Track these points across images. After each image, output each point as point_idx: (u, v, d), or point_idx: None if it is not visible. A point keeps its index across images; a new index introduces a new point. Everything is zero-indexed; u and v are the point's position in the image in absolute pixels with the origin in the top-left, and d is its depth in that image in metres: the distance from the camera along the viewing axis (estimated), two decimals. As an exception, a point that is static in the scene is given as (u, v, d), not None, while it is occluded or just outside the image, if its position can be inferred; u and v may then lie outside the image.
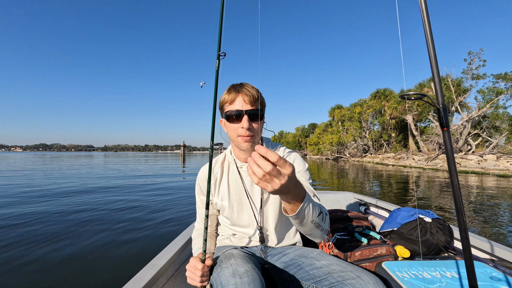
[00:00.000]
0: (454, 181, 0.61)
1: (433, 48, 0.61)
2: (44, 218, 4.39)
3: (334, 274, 0.89)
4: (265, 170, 0.59)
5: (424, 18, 0.62)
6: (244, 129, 1.01)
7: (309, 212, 0.82)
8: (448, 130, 0.63)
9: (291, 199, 0.74)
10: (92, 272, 2.57)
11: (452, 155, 0.62)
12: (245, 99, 1.02)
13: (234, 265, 0.89)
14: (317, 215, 0.86)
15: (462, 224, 0.60)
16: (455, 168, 0.61)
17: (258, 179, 0.61)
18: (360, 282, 0.82)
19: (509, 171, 12.19)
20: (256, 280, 0.82)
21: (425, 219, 1.41)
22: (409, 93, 0.62)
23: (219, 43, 0.90)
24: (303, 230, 0.90)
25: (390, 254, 1.21)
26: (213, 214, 1.21)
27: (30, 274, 2.48)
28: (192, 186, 8.50)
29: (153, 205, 5.49)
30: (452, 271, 1.04)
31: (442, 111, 0.62)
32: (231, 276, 0.83)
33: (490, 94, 19.38)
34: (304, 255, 1.04)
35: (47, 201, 5.78)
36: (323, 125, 44.05)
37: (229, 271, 0.86)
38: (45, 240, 3.34)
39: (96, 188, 7.83)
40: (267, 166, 0.59)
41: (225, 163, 1.19)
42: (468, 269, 0.61)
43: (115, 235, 3.56)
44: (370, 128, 32.68)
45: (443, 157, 17.71)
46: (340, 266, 0.92)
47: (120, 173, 13.29)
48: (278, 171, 0.61)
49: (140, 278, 1.09)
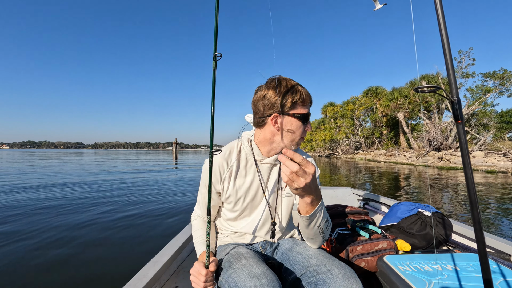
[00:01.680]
0: (468, 173, 0.60)
1: (447, 40, 0.60)
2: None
3: (310, 268, 0.91)
4: (292, 169, 0.71)
5: (438, 9, 0.61)
6: (309, 131, 1.04)
7: (320, 216, 0.90)
8: (462, 123, 0.62)
9: (310, 200, 0.82)
10: (94, 267, 2.57)
11: (466, 148, 0.61)
12: (307, 99, 1.00)
13: (248, 266, 0.87)
14: (325, 221, 0.93)
15: (476, 216, 0.60)
16: (469, 161, 0.61)
17: (287, 177, 0.72)
18: (330, 276, 0.84)
19: (497, 167, 12.52)
20: (274, 282, 0.81)
21: (425, 213, 1.42)
22: (423, 86, 0.61)
23: (215, 44, 0.88)
24: (307, 233, 0.95)
25: (391, 248, 1.22)
26: (217, 205, 1.16)
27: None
28: (191, 182, 8.45)
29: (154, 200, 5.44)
30: (453, 264, 1.06)
31: (456, 104, 0.61)
32: (248, 278, 0.81)
33: (478, 92, 19.80)
34: (291, 248, 1.06)
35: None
36: (315, 122, 44.27)
37: (244, 272, 0.84)
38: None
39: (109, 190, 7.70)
40: (294, 166, 0.71)
41: (241, 155, 1.12)
42: (481, 260, 0.61)
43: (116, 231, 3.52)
44: (362, 125, 33.03)
45: (433, 154, 18.06)
46: (317, 259, 0.94)
47: (129, 169, 13.09)
48: (303, 170, 0.72)
49: (143, 275, 1.09)
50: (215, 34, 0.87)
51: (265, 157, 1.08)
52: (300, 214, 0.89)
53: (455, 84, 0.62)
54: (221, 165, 1.08)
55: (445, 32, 0.61)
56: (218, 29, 0.86)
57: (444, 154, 16.93)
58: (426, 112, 22.60)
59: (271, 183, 1.10)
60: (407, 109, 24.21)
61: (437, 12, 0.61)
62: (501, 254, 1.28)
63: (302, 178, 0.73)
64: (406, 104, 24.03)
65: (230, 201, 1.10)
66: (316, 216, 0.88)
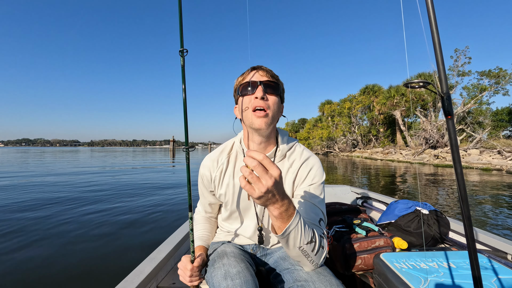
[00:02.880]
0: (458, 169, 0.60)
1: (437, 35, 0.59)
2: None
3: (298, 283, 0.84)
4: (250, 165, 0.61)
5: (429, 4, 0.60)
6: (258, 99, 0.90)
7: (297, 236, 0.75)
8: (452, 119, 0.62)
9: (278, 212, 0.69)
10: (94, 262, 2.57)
11: (456, 144, 0.61)
12: (261, 73, 0.95)
13: (227, 266, 0.87)
14: (306, 242, 0.78)
15: (465, 211, 0.60)
16: (459, 157, 0.61)
17: (244, 180, 0.62)
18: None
19: (491, 165, 12.64)
20: (248, 282, 0.80)
21: (423, 211, 1.43)
22: (413, 81, 0.60)
23: (181, 39, 0.89)
24: (289, 253, 0.83)
25: (388, 246, 1.22)
26: (215, 203, 1.15)
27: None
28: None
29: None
30: (449, 261, 1.06)
31: (446, 99, 0.60)
32: (223, 278, 0.82)
33: (474, 90, 19.96)
34: (284, 258, 1.00)
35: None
36: (313, 120, 44.33)
37: (221, 272, 0.85)
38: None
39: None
40: (253, 162, 0.61)
41: (232, 153, 1.09)
42: (471, 256, 0.61)
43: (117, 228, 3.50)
44: (359, 123, 33.15)
45: (430, 152, 18.18)
46: (307, 274, 0.86)
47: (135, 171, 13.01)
48: (263, 169, 0.61)
49: (139, 272, 1.09)
50: (180, 28, 0.88)
51: None
52: (274, 232, 0.76)
53: (445, 79, 0.62)
54: (212, 164, 1.08)
55: (435, 26, 0.60)
56: (183, 24, 0.87)
57: (440, 152, 17.06)
58: (423, 110, 22.73)
59: None
60: (404, 107, 24.34)
61: (427, 4, 0.61)
62: (498, 252, 1.29)
63: (263, 180, 0.61)
64: (402, 102, 24.15)
65: (222, 200, 1.09)
66: (290, 235, 0.74)
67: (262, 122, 0.91)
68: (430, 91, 0.62)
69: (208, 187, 1.10)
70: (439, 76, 0.63)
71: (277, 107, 0.96)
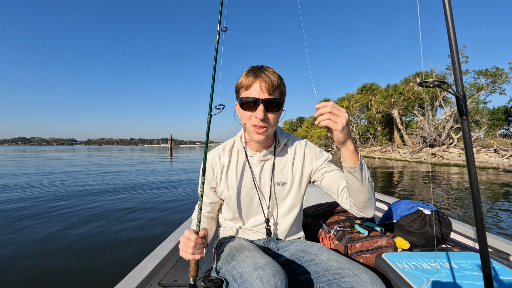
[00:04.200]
0: (472, 171, 0.59)
1: (453, 34, 0.58)
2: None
3: (331, 271, 0.86)
4: (327, 106, 0.77)
5: (446, 3, 0.59)
6: (258, 119, 0.93)
7: (365, 166, 0.90)
8: (467, 119, 0.60)
9: (353, 146, 0.84)
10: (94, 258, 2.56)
11: (470, 144, 0.60)
12: (263, 86, 0.93)
13: (252, 258, 0.85)
14: (369, 173, 0.92)
15: (478, 214, 0.59)
16: (473, 157, 0.60)
17: (328, 119, 0.77)
18: (357, 280, 0.80)
19: (488, 163, 12.74)
20: (279, 272, 0.79)
21: (425, 212, 1.42)
22: (428, 80, 0.59)
23: (220, 15, 0.91)
24: (363, 191, 0.91)
25: (390, 246, 1.22)
26: (215, 201, 1.14)
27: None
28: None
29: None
30: (452, 262, 1.06)
31: (461, 99, 0.59)
32: (253, 269, 0.79)
33: (471, 89, 20.08)
34: (304, 250, 1.02)
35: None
36: (311, 119, 44.38)
37: (248, 264, 0.82)
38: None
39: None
40: (328, 104, 0.77)
41: (233, 150, 1.11)
42: (482, 258, 0.60)
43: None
44: (357, 122, 33.26)
45: (427, 150, 18.27)
46: (339, 262, 0.89)
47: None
48: (337, 108, 0.77)
49: (142, 269, 1.10)
50: (221, 4, 0.92)
51: (254, 151, 1.06)
52: (349, 167, 0.86)
53: (460, 79, 0.61)
54: (214, 160, 1.09)
55: (452, 25, 0.59)
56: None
57: (438, 150, 17.15)
58: (420, 109, 22.82)
59: (265, 179, 1.08)
60: (402, 106, 24.42)
61: (444, 3, 0.60)
62: (500, 253, 1.29)
63: (340, 116, 0.76)
64: (400, 101, 24.22)
65: (224, 196, 1.09)
66: (363, 164, 0.88)
67: (261, 137, 0.98)
68: (445, 90, 0.60)
69: (210, 183, 1.10)
70: (455, 76, 0.62)
71: (277, 120, 0.99)
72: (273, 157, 1.08)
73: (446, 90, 0.59)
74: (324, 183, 1.07)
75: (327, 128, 0.82)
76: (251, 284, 0.75)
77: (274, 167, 1.08)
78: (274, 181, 1.07)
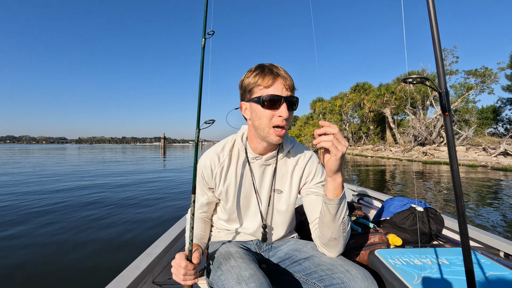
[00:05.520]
0: (454, 166, 0.60)
1: (437, 32, 0.59)
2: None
3: (323, 267, 0.88)
4: (334, 131, 0.75)
5: (429, 2, 0.60)
6: (282, 118, 0.89)
7: (345, 203, 0.87)
8: (449, 115, 0.61)
9: (341, 179, 0.83)
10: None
11: (453, 140, 0.61)
12: (285, 84, 0.90)
13: (236, 268, 0.84)
14: (347, 213, 0.89)
15: (460, 208, 0.59)
16: (455, 154, 0.61)
17: (330, 141, 0.75)
18: (348, 276, 0.81)
19: (477, 161, 13.02)
20: (263, 284, 0.78)
21: (417, 209, 1.45)
22: (411, 77, 0.59)
23: (205, 20, 0.88)
24: (332, 228, 0.87)
25: (383, 242, 1.24)
26: (212, 201, 1.11)
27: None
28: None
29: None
30: (443, 258, 1.08)
31: (444, 95, 0.60)
32: (236, 283, 0.78)
33: (461, 89, 20.48)
34: (298, 249, 1.02)
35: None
36: (304, 118, 44.60)
37: (232, 276, 0.81)
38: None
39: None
40: (335, 128, 0.75)
41: (234, 151, 1.07)
42: (464, 252, 0.61)
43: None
44: (350, 120, 33.59)
45: (418, 149, 18.58)
46: (331, 259, 0.91)
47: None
48: (340, 135, 0.76)
49: (135, 267, 1.09)
50: (205, 8, 0.88)
51: (257, 154, 1.02)
52: (329, 198, 0.84)
53: (443, 75, 0.61)
54: (213, 160, 1.04)
55: (435, 23, 0.59)
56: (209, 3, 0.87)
57: (428, 148, 17.47)
58: (412, 108, 23.16)
59: (265, 184, 1.05)
60: (394, 105, 24.75)
61: (428, 2, 0.61)
62: (491, 249, 1.32)
63: (342, 143, 0.76)
64: (392, 100, 24.54)
65: (222, 198, 1.06)
66: (343, 200, 0.85)
67: (280, 140, 0.93)
68: (428, 86, 0.61)
69: (208, 182, 1.06)
70: (438, 72, 0.62)
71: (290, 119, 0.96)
72: (275, 163, 1.05)
73: (429, 87, 0.60)
74: (306, 201, 1.04)
75: (324, 152, 0.80)
76: None
77: (276, 173, 1.05)
78: (275, 186, 1.05)
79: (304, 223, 1.50)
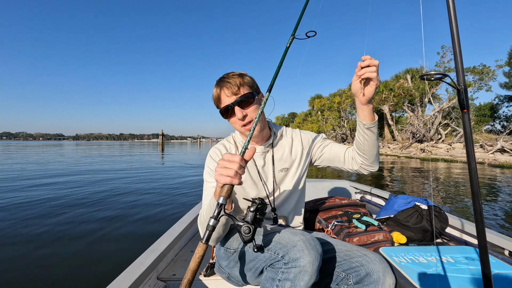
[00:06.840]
0: (472, 164, 0.60)
1: (456, 26, 0.58)
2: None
3: (340, 253, 0.93)
4: (376, 63, 0.82)
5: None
6: (240, 119, 1.00)
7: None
8: (468, 112, 0.60)
9: (372, 104, 0.93)
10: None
11: (471, 138, 0.60)
12: (227, 92, 1.00)
13: (284, 228, 0.92)
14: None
15: (477, 208, 0.59)
16: (473, 151, 0.60)
17: (375, 72, 0.82)
18: (367, 259, 0.87)
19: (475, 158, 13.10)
20: (315, 239, 0.83)
21: (422, 206, 1.45)
22: (430, 73, 0.59)
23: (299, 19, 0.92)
24: (375, 145, 1.00)
25: (387, 240, 1.24)
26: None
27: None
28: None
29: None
30: (447, 256, 1.08)
31: (462, 93, 0.59)
32: (293, 234, 0.84)
33: (459, 86, 20.51)
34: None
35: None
36: (302, 115, 44.60)
37: (285, 232, 0.87)
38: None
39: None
40: (377, 61, 0.82)
41: (237, 143, 1.17)
42: (481, 251, 0.61)
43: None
44: (349, 117, 33.56)
45: (416, 146, 18.67)
46: (345, 246, 0.97)
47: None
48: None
49: (140, 263, 1.10)
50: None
51: (255, 145, 1.11)
52: (370, 123, 0.94)
53: (462, 72, 0.60)
54: (221, 148, 1.15)
55: (455, 21, 0.59)
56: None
57: (426, 146, 17.54)
58: (410, 105, 23.22)
59: (268, 169, 1.13)
60: (392, 102, 24.77)
61: (448, 2, 0.60)
62: (496, 247, 1.32)
63: (378, 75, 0.84)
64: (391, 97, 24.55)
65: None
66: (377, 124, 0.97)
67: (256, 131, 1.02)
68: (446, 83, 0.60)
69: None
70: (456, 69, 0.61)
71: (257, 109, 1.03)
72: (272, 148, 1.15)
73: (447, 83, 0.59)
74: (326, 156, 1.17)
75: (364, 83, 0.87)
76: (294, 246, 0.79)
77: (274, 157, 1.14)
78: (277, 169, 1.13)
79: (307, 220, 1.50)
